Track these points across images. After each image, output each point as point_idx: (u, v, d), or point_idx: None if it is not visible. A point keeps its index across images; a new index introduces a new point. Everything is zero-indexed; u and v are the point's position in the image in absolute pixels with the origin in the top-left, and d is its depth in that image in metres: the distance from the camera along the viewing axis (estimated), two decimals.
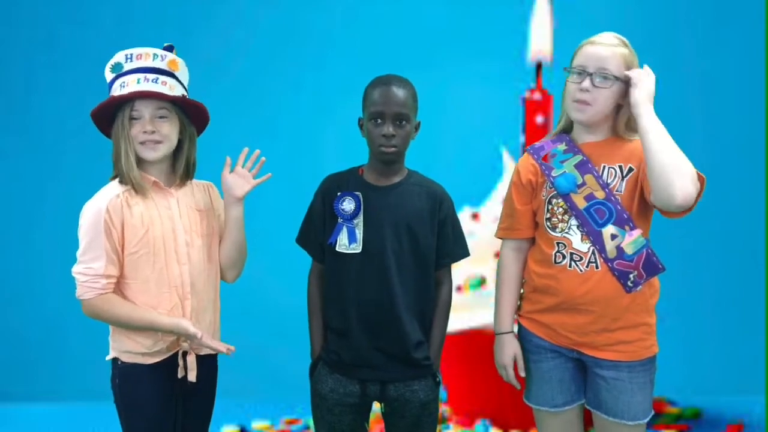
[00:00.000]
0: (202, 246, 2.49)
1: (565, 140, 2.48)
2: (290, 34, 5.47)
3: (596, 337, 2.41)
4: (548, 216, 2.44)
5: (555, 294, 2.42)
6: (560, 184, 2.41)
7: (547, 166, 2.45)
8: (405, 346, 2.44)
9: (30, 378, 4.88)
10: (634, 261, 2.37)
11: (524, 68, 4.04)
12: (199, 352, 2.48)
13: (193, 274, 2.46)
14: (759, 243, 4.93)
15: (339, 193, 2.47)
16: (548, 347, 2.47)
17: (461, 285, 3.95)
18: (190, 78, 2.53)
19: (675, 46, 5.17)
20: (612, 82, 2.37)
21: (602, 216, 2.38)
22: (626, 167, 2.40)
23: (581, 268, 2.39)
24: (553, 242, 2.42)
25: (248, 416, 4.38)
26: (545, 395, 2.49)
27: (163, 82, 2.43)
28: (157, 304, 2.42)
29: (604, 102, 2.39)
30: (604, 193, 2.39)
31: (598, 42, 2.41)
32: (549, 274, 2.43)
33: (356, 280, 2.43)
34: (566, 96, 2.44)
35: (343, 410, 2.47)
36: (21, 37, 5.33)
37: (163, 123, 2.43)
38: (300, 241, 2.55)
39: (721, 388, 4.67)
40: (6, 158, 5.15)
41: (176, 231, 2.45)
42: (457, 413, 4.16)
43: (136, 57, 2.44)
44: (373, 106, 2.42)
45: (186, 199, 2.51)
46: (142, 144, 2.42)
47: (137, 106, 2.42)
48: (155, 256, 2.42)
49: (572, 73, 2.41)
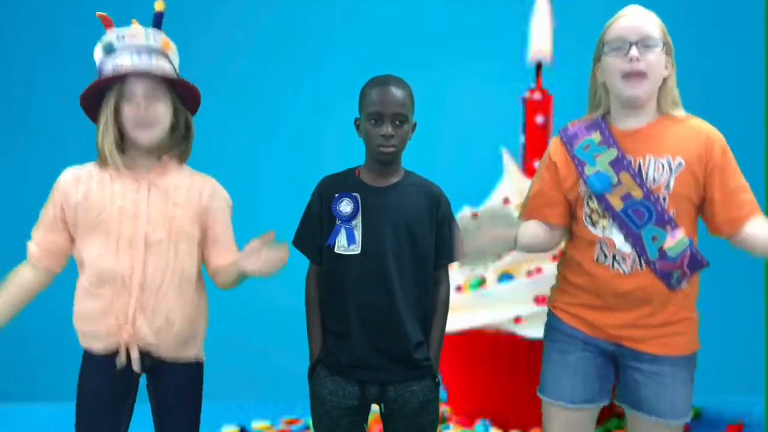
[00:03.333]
0: (167, 242, 2.37)
1: (599, 128, 2.34)
2: (290, 34, 5.47)
3: (637, 331, 2.31)
4: (588, 211, 2.33)
5: (596, 293, 2.33)
6: (593, 185, 2.30)
7: (580, 161, 2.33)
8: (405, 347, 2.44)
9: (30, 378, 4.88)
10: (678, 262, 2.27)
11: (524, 68, 4.04)
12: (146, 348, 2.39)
13: (147, 267, 2.35)
14: None
15: (337, 195, 2.45)
16: (581, 338, 2.36)
17: (461, 285, 3.95)
18: (190, 78, 2.52)
19: (675, 46, 5.16)
20: (659, 47, 2.28)
21: (641, 217, 2.26)
22: (675, 161, 2.27)
23: (625, 269, 2.29)
24: (596, 241, 2.32)
25: (248, 416, 4.38)
26: (564, 389, 2.36)
27: (156, 61, 2.36)
28: (101, 284, 2.35)
29: (657, 70, 2.27)
30: (642, 192, 2.26)
31: (628, 14, 2.32)
32: (590, 273, 2.33)
33: (356, 282, 2.42)
34: (610, 75, 2.30)
35: (342, 412, 2.46)
36: (21, 37, 5.34)
37: (156, 103, 2.35)
38: (297, 244, 2.53)
39: (721, 388, 4.67)
40: (6, 158, 5.16)
41: (137, 218, 2.36)
42: (457, 413, 4.16)
43: (129, 36, 2.38)
44: (371, 106, 2.41)
45: (163, 187, 2.40)
46: (137, 126, 2.34)
47: (130, 85, 2.33)
48: (107, 237, 2.34)
49: (610, 50, 2.29)
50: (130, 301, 2.35)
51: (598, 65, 2.37)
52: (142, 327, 2.37)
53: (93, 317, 2.38)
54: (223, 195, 2.52)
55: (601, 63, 2.35)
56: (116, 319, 2.36)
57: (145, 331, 2.37)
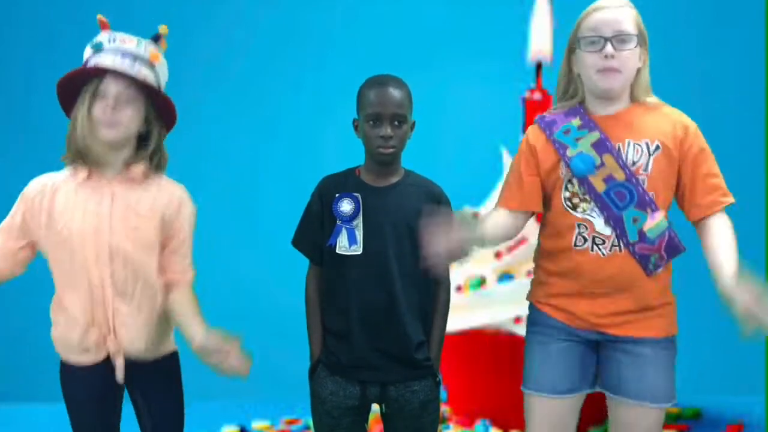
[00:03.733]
0: (132, 251, 2.37)
1: (578, 113, 2.35)
2: (290, 34, 5.47)
3: (618, 317, 2.32)
4: (568, 195, 2.33)
5: (576, 278, 2.32)
6: (577, 166, 2.30)
7: (561, 144, 2.33)
8: (406, 347, 2.44)
9: (30, 378, 4.87)
10: (656, 244, 2.28)
11: (524, 68, 4.04)
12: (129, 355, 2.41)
13: (117, 278, 2.36)
14: (759, 243, 4.93)
15: (337, 195, 2.45)
16: (562, 328, 2.35)
17: (461, 285, 3.95)
18: (191, 77, 2.52)
19: (675, 46, 5.17)
20: (633, 42, 2.28)
21: (623, 199, 2.27)
22: (653, 144, 2.30)
23: (604, 251, 2.29)
24: (574, 224, 2.31)
25: (248, 416, 4.38)
26: (547, 379, 2.35)
27: (139, 69, 2.36)
28: (76, 299, 2.37)
29: (630, 65, 2.28)
30: (625, 173, 2.27)
31: (604, 5, 2.31)
32: (569, 258, 2.32)
33: (357, 282, 2.42)
34: (585, 69, 2.31)
35: (343, 412, 2.46)
36: (21, 37, 5.34)
37: (127, 107, 2.35)
38: (296, 244, 2.53)
39: (721, 388, 4.67)
40: (6, 158, 5.15)
41: (100, 230, 2.35)
42: (457, 413, 4.16)
43: (120, 40, 2.39)
44: (369, 107, 2.40)
45: (127, 198, 2.38)
46: (101, 124, 2.33)
47: (105, 83, 2.34)
48: (72, 251, 2.35)
49: (584, 44, 2.30)
50: (107, 312, 2.38)
51: (572, 57, 2.38)
52: (125, 335, 2.40)
53: (78, 333, 2.39)
54: (189, 205, 2.48)
55: (575, 56, 2.36)
56: (100, 330, 2.39)
57: (129, 338, 2.40)
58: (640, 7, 2.36)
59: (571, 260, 2.33)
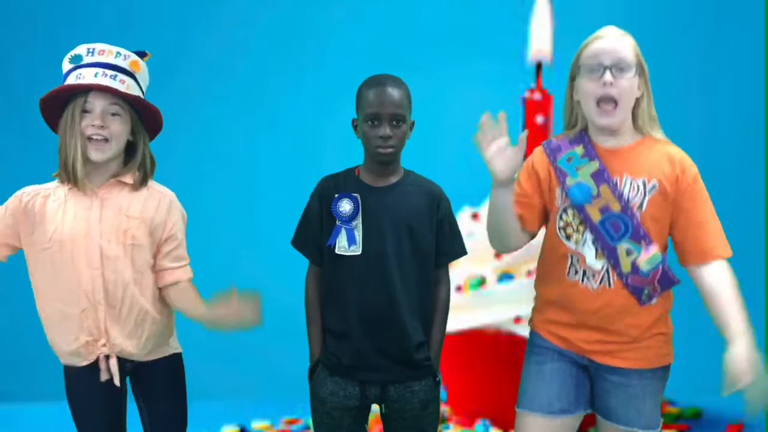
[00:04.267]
0: (124, 255, 2.38)
1: (583, 142, 2.37)
2: (290, 34, 5.47)
3: (606, 346, 2.34)
4: (562, 224, 2.35)
5: (567, 308, 2.36)
6: (574, 195, 2.32)
7: (562, 172, 2.35)
8: (406, 348, 2.43)
9: (30, 378, 4.87)
10: (649, 277, 2.30)
11: (524, 68, 4.04)
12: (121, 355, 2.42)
13: (108, 281, 2.37)
14: (759, 243, 4.93)
15: (336, 195, 2.44)
16: (556, 350, 2.39)
17: (461, 285, 3.95)
18: (191, 77, 2.53)
19: (675, 46, 5.17)
20: (632, 71, 2.30)
21: (617, 230, 2.29)
22: (650, 183, 2.31)
23: (593, 285, 2.32)
24: (567, 255, 2.34)
25: (248, 416, 4.38)
26: (541, 399, 2.37)
27: (121, 80, 2.37)
28: (67, 304, 2.38)
29: (628, 94, 2.29)
30: (620, 205, 2.29)
31: (604, 35, 2.33)
32: (562, 287, 2.35)
33: (357, 282, 2.42)
34: (585, 99, 2.32)
35: (343, 413, 2.46)
36: (21, 37, 5.33)
37: (114, 120, 2.36)
38: (296, 244, 2.53)
39: (721, 388, 4.66)
40: (6, 158, 5.15)
41: (90, 234, 2.37)
42: (457, 413, 4.16)
43: (98, 52, 2.39)
44: (368, 107, 2.40)
45: (115, 202, 2.40)
46: (90, 140, 2.35)
47: (90, 99, 2.35)
48: (62, 255, 2.36)
49: (584, 71, 2.32)
50: (98, 315, 2.38)
51: (574, 84, 2.39)
52: (117, 338, 2.40)
53: (68, 338, 2.40)
54: (179, 208, 2.50)
55: (576, 83, 2.37)
56: (90, 334, 2.39)
57: (120, 340, 2.41)
58: (640, 8, 2.37)
59: (564, 290, 2.36)
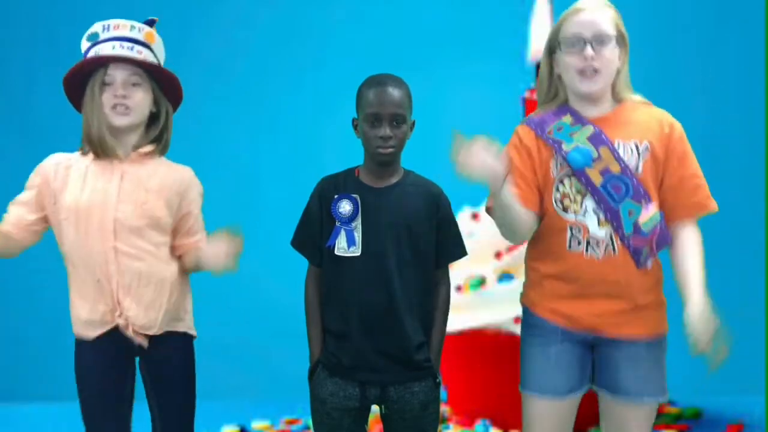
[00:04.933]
0: (139, 228, 2.42)
1: (568, 111, 2.36)
2: (290, 34, 5.47)
3: (613, 317, 2.32)
4: (558, 197, 2.32)
5: (571, 281, 2.32)
6: (575, 159, 2.29)
7: (555, 140, 2.32)
8: (406, 348, 2.43)
9: (30, 378, 4.88)
10: (648, 236, 2.29)
11: (524, 68, 4.04)
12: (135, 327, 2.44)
13: (121, 253, 2.40)
14: (759, 243, 4.93)
15: (336, 196, 2.44)
16: (559, 330, 2.34)
17: (461, 285, 3.95)
18: (191, 77, 2.53)
19: (675, 46, 5.17)
20: (612, 42, 2.30)
21: (619, 191, 2.28)
22: (642, 144, 2.31)
23: (599, 253, 2.29)
24: (566, 226, 2.31)
25: (248, 416, 4.38)
26: (548, 382, 2.35)
27: (138, 51, 2.44)
28: (86, 273, 2.42)
29: (610, 66, 2.30)
30: (620, 166, 2.28)
31: (584, 7, 2.33)
32: (563, 260, 2.32)
33: (356, 283, 2.41)
34: (566, 70, 2.32)
35: (343, 414, 2.46)
36: (21, 37, 5.34)
37: (136, 90, 2.42)
38: (296, 245, 2.52)
39: (721, 388, 4.66)
40: (6, 158, 5.15)
41: (105, 206, 2.41)
42: (457, 413, 4.16)
43: (114, 27, 2.46)
44: (368, 107, 2.39)
45: (136, 174, 2.44)
46: (113, 108, 2.40)
47: (110, 71, 2.41)
48: (77, 225, 2.40)
49: (564, 45, 2.31)
50: (111, 287, 2.41)
51: (553, 58, 2.38)
52: (130, 309, 2.42)
53: (86, 305, 2.44)
54: (197, 185, 2.56)
55: (555, 57, 2.37)
56: (105, 305, 2.42)
57: (134, 312, 2.43)
58: (641, 7, 2.37)
59: (565, 263, 2.32)
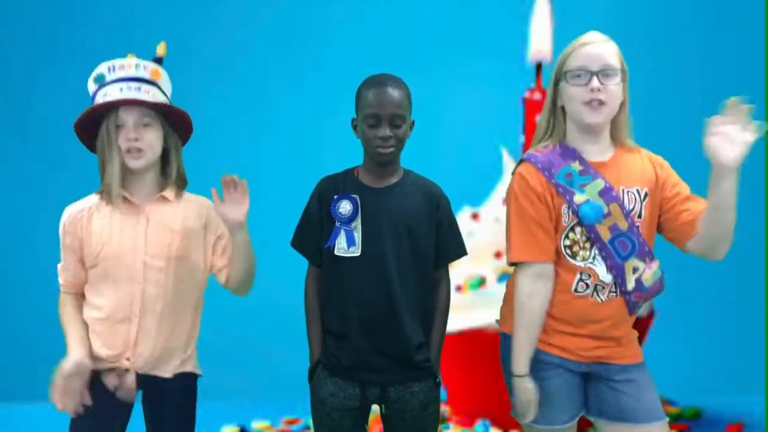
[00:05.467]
0: (166, 268, 2.44)
1: (576, 158, 2.35)
2: (290, 34, 5.47)
3: (605, 350, 2.36)
4: (568, 243, 2.33)
5: (571, 321, 2.35)
6: (587, 215, 2.30)
7: (566, 190, 2.32)
8: (406, 349, 2.43)
9: (30, 378, 4.87)
10: (650, 291, 2.34)
11: (524, 68, 4.04)
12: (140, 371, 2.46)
13: (148, 296, 2.43)
14: (759, 243, 4.94)
15: (335, 196, 2.44)
16: (558, 363, 2.38)
17: (461, 285, 3.95)
18: (191, 77, 2.53)
19: (675, 46, 5.17)
20: (618, 77, 2.32)
21: (625, 249, 2.31)
22: (643, 191, 2.34)
23: (602, 297, 2.32)
24: (576, 272, 2.33)
25: (248, 416, 4.38)
26: (553, 414, 2.38)
27: (146, 90, 2.44)
28: (102, 315, 2.45)
29: (615, 99, 2.32)
30: (627, 224, 2.30)
31: (590, 41, 2.34)
32: (567, 303, 2.34)
33: (356, 284, 2.41)
34: (571, 101, 2.33)
35: (343, 414, 2.46)
36: (21, 37, 5.34)
37: (147, 131, 2.43)
38: (296, 245, 2.52)
39: (721, 388, 4.67)
40: (6, 158, 5.15)
41: (136, 250, 2.44)
42: (457, 413, 4.16)
43: (119, 68, 2.46)
44: (368, 108, 2.39)
45: (160, 216, 2.47)
46: (126, 152, 2.42)
47: (121, 114, 2.42)
48: (108, 271, 2.43)
49: (570, 77, 2.33)
50: (131, 328, 2.44)
51: (557, 88, 2.39)
52: (144, 352, 2.45)
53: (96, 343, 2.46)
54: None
55: (560, 89, 2.38)
56: (115, 348, 2.45)
57: (147, 355, 2.45)
58: (641, 7, 2.37)
59: (569, 305, 2.35)
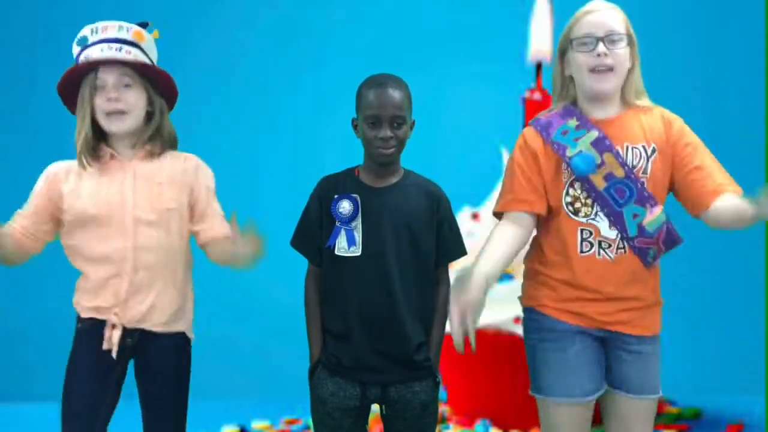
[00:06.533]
0: (157, 221, 2.44)
1: (574, 114, 2.38)
2: (290, 34, 5.47)
3: (624, 315, 2.34)
4: (569, 200, 2.34)
5: (584, 285, 2.33)
6: (578, 166, 2.32)
7: (560, 145, 2.34)
8: (406, 348, 2.43)
9: (30, 378, 4.87)
10: (654, 237, 2.32)
11: (524, 68, 4.04)
12: (128, 326, 2.45)
13: (138, 251, 2.43)
14: (759, 243, 4.93)
15: (336, 196, 2.44)
16: (573, 330, 2.34)
17: None
18: (191, 77, 2.53)
19: (675, 46, 5.17)
20: (624, 42, 2.34)
21: (622, 195, 2.31)
22: (650, 147, 2.34)
23: (610, 255, 2.32)
24: (577, 229, 2.33)
25: (248, 416, 4.38)
26: (573, 385, 2.33)
27: (127, 51, 2.43)
28: (93, 269, 2.44)
29: (623, 64, 2.34)
30: (624, 171, 2.31)
31: (595, 9, 2.37)
32: (575, 265, 2.33)
33: (356, 283, 2.41)
34: (578, 69, 2.35)
35: (344, 414, 2.46)
36: (21, 36, 5.34)
37: (128, 91, 2.42)
38: (296, 245, 2.52)
39: (721, 388, 4.67)
40: (6, 158, 5.15)
41: (124, 206, 2.43)
42: (457, 413, 4.16)
43: (102, 29, 2.47)
44: (368, 108, 2.39)
45: (147, 171, 2.46)
46: (108, 115, 2.41)
47: (100, 74, 2.41)
48: (97, 227, 2.42)
49: (576, 45, 2.35)
50: (122, 283, 2.43)
51: (564, 58, 2.42)
52: (134, 307, 2.44)
53: (86, 296, 2.46)
54: (206, 170, 2.57)
55: (567, 57, 2.41)
56: (105, 301, 2.44)
57: (137, 310, 2.44)
58: (641, 7, 2.38)
59: (577, 267, 2.33)
